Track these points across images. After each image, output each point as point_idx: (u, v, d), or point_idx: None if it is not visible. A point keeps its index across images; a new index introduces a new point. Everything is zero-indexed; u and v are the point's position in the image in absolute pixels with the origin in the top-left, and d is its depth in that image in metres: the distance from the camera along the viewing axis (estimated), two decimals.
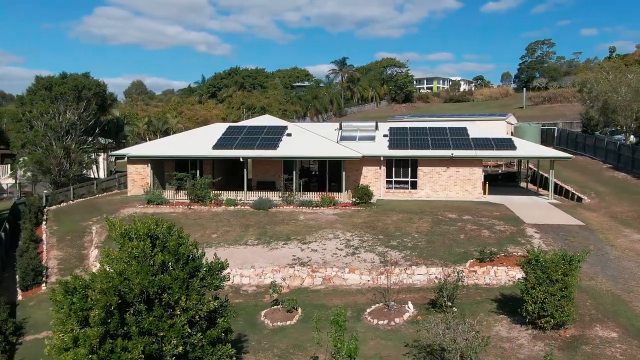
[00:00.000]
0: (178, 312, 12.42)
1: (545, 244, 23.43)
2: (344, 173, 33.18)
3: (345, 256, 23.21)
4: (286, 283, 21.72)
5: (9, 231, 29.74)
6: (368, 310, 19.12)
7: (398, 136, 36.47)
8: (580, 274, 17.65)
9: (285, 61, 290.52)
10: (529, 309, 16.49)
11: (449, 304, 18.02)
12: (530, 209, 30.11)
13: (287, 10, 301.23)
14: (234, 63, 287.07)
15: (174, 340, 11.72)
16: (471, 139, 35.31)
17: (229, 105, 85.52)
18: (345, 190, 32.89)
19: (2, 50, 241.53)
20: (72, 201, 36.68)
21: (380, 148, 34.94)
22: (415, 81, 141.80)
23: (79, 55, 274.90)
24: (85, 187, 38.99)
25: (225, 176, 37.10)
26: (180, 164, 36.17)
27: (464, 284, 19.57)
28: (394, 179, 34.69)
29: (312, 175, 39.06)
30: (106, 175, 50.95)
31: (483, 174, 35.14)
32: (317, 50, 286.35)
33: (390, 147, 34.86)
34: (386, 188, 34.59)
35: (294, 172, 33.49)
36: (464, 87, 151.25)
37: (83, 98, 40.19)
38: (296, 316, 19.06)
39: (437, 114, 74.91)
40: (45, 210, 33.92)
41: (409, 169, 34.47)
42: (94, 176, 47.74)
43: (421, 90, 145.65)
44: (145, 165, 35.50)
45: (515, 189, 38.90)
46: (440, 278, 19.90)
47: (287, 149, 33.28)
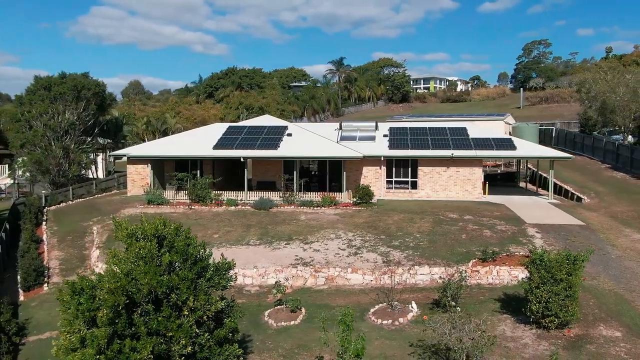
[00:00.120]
0: (186, 313, 12.42)
1: (547, 243, 23.48)
2: (345, 173, 33.20)
3: (347, 256, 23.23)
4: (289, 283, 21.72)
5: (9, 231, 29.65)
6: (372, 310, 19.14)
7: (398, 136, 36.52)
8: (583, 273, 17.72)
9: (281, 61, 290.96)
10: (533, 308, 16.54)
11: (453, 303, 18.04)
12: (531, 209, 30.20)
13: (284, 10, 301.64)
14: (231, 63, 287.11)
15: (183, 340, 11.73)
16: (471, 139, 35.39)
17: (227, 105, 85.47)
18: (345, 191, 32.92)
19: None
20: (72, 201, 36.59)
21: (380, 148, 34.98)
22: (412, 81, 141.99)
23: (75, 55, 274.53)
24: (85, 188, 38.90)
25: (225, 176, 37.06)
26: (180, 164, 36.12)
27: (467, 284, 19.60)
28: (394, 179, 34.73)
29: (312, 175, 39.07)
30: (104, 175, 50.83)
31: (483, 174, 35.22)
32: (314, 50, 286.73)
33: (391, 147, 34.90)
34: (386, 188, 34.63)
35: (295, 172, 33.49)
36: (460, 87, 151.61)
37: (82, 98, 40.11)
38: (300, 316, 19.06)
39: (435, 114, 75.00)
40: (45, 210, 33.84)
41: (409, 169, 34.52)
42: (92, 176, 47.59)
43: (418, 91, 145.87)
44: (145, 166, 35.44)
45: (515, 189, 39.01)
46: (444, 278, 19.99)
47: (288, 149, 33.29)
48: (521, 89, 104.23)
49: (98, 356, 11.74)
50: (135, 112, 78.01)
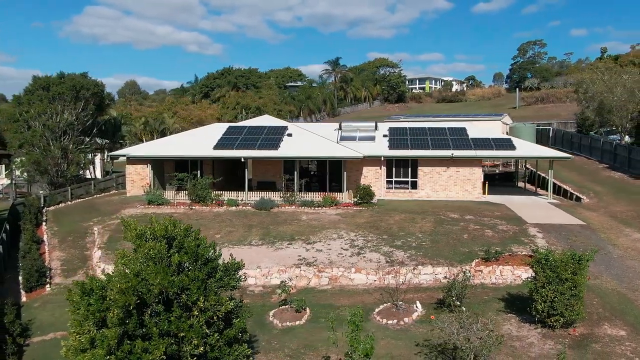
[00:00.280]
0: (196, 313, 12.42)
1: (549, 243, 23.61)
2: (345, 173, 33.23)
3: (350, 256, 23.27)
4: (293, 283, 21.73)
5: (9, 232, 29.51)
6: (376, 310, 19.18)
7: (398, 136, 36.59)
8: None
9: (277, 61, 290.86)
10: (538, 307, 16.62)
11: (458, 303, 18.12)
12: (531, 209, 30.32)
13: (279, 10, 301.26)
14: (226, 63, 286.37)
15: (195, 341, 11.73)
16: (471, 139, 35.50)
17: (224, 106, 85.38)
18: (346, 191, 32.95)
19: None
20: (71, 202, 36.48)
21: (380, 148, 35.03)
22: (408, 81, 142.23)
23: (69, 55, 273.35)
24: (83, 188, 38.78)
25: (225, 176, 37.00)
26: (180, 164, 36.04)
27: (471, 284, 19.67)
28: (394, 179, 34.79)
29: (312, 175, 39.08)
30: (102, 175, 50.69)
31: (482, 174, 35.34)
32: (309, 50, 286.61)
33: (391, 147, 34.96)
34: (386, 188, 34.68)
35: (295, 173, 33.50)
36: (456, 88, 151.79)
37: (81, 98, 40.04)
38: (305, 316, 19.08)
39: (432, 114, 75.10)
40: (44, 211, 33.70)
41: (409, 169, 34.58)
42: (90, 176, 47.46)
43: (413, 91, 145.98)
44: (144, 166, 35.37)
45: (514, 189, 39.15)
46: (447, 278, 20.04)
47: (289, 149, 33.29)
48: (517, 89, 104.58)
49: (108, 357, 11.72)
50: (131, 112, 77.79)
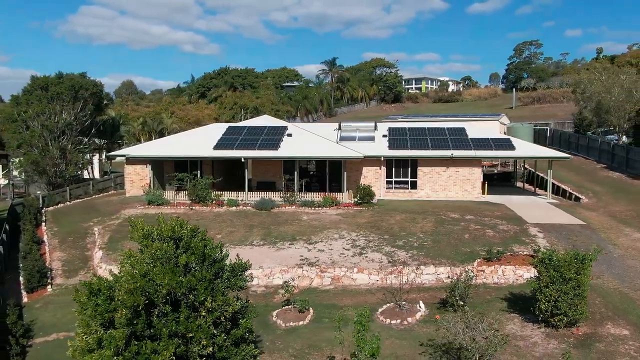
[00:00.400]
0: (203, 313, 12.41)
1: (550, 243, 23.71)
2: (345, 173, 33.26)
3: (352, 256, 23.30)
4: (295, 283, 21.71)
5: (9, 232, 29.41)
6: (380, 309, 19.19)
7: (397, 136, 36.64)
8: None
9: (272, 61, 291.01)
10: (542, 307, 16.67)
11: (461, 303, 18.18)
12: (531, 209, 30.42)
13: (275, 10, 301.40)
14: (221, 63, 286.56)
15: (204, 341, 11.72)
16: (470, 139, 35.59)
17: (221, 106, 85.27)
18: (346, 191, 32.98)
19: None
20: (69, 202, 36.39)
21: (380, 148, 35.08)
22: (404, 81, 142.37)
23: (65, 55, 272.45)
24: (82, 188, 38.67)
25: (225, 177, 36.99)
26: (180, 165, 35.94)
27: (473, 283, 19.73)
28: (393, 179, 34.84)
29: (311, 175, 39.07)
30: (100, 175, 50.54)
31: (482, 174, 35.43)
32: (305, 50, 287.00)
33: (390, 148, 35.01)
34: (386, 188, 34.73)
35: (295, 173, 33.50)
36: (452, 88, 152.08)
37: (80, 98, 39.91)
38: (308, 316, 19.09)
39: (430, 114, 75.29)
40: (43, 211, 33.59)
41: (409, 169, 34.64)
42: (88, 177, 47.32)
43: (410, 91, 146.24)
44: (144, 166, 35.31)
45: (512, 189, 39.26)
46: (450, 277, 20.11)
47: (289, 149, 33.29)
48: (513, 89, 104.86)
49: (116, 357, 11.71)
50: (128, 113, 77.61)
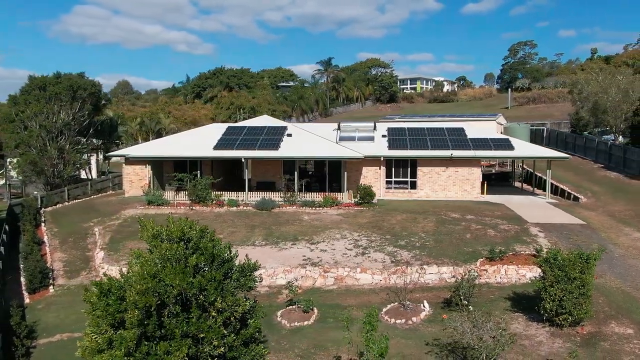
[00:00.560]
0: (213, 314, 12.41)
1: (551, 242, 23.84)
2: (345, 173, 33.29)
3: (355, 256, 23.34)
4: (298, 283, 21.75)
5: (9, 233, 29.27)
6: (384, 309, 19.23)
7: (397, 136, 36.72)
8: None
9: (267, 61, 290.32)
10: (546, 306, 16.76)
11: (466, 302, 18.25)
12: (530, 209, 30.56)
13: (268, 10, 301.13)
14: (215, 63, 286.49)
15: (215, 342, 11.72)
16: (469, 139, 35.70)
17: (218, 106, 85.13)
18: (346, 191, 33.02)
19: None
20: (68, 202, 36.23)
21: (379, 148, 35.14)
22: (399, 82, 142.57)
23: (58, 54, 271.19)
24: (80, 189, 38.53)
25: (225, 177, 36.96)
26: (179, 165, 35.86)
27: (477, 283, 19.80)
28: (393, 179, 34.92)
29: (311, 175, 39.11)
30: (98, 176, 50.36)
31: (481, 174, 35.54)
32: (299, 50, 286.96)
33: (390, 148, 35.08)
34: (386, 188, 34.80)
35: (295, 173, 33.52)
36: (447, 88, 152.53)
37: (78, 98, 39.73)
38: (313, 316, 19.12)
39: (426, 114, 75.43)
40: (42, 211, 33.43)
41: (409, 169, 34.73)
42: (86, 177, 47.16)
43: (405, 91, 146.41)
44: (143, 166, 35.24)
45: (511, 189, 39.41)
46: (453, 277, 20.18)
47: (289, 149, 33.30)
48: (509, 89, 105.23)
49: (126, 358, 11.70)
50: (124, 113, 77.39)
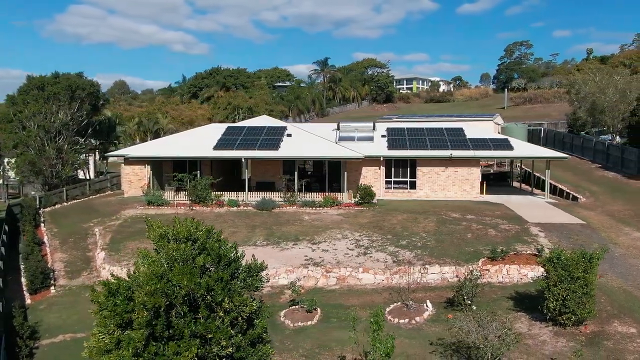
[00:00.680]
0: (221, 314, 12.41)
1: (551, 242, 23.94)
2: (345, 173, 33.33)
3: (357, 256, 23.38)
4: (301, 283, 21.77)
5: (8, 233, 29.17)
6: (387, 309, 19.26)
7: (396, 137, 36.77)
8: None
9: (263, 61, 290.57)
10: (550, 306, 16.84)
11: (469, 302, 18.32)
12: (530, 208, 30.66)
13: (265, 9, 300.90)
14: (212, 63, 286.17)
15: (223, 342, 11.72)
16: (468, 139, 35.79)
17: (215, 106, 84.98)
18: (346, 191, 33.05)
19: None
20: (67, 203, 36.14)
21: (379, 148, 35.19)
22: (395, 82, 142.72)
23: (53, 54, 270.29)
24: (79, 189, 38.42)
25: (224, 177, 36.92)
26: (179, 165, 35.78)
27: (479, 283, 19.86)
28: (393, 179, 34.98)
29: (310, 175, 39.12)
30: (96, 176, 50.24)
31: (480, 174, 35.65)
32: (296, 50, 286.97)
33: (389, 148, 35.13)
34: (385, 188, 34.86)
35: (295, 173, 33.53)
36: (443, 88, 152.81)
37: (76, 98, 39.62)
38: (316, 316, 19.16)
39: (423, 114, 75.51)
40: (41, 212, 33.32)
41: (408, 169, 34.79)
42: (84, 177, 47.05)
43: (401, 91, 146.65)
44: (142, 166, 35.18)
45: (510, 189, 39.53)
46: (455, 277, 20.25)
47: (289, 149, 33.31)
48: (505, 89, 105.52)
49: (134, 358, 11.70)
50: (121, 113, 77.16)
